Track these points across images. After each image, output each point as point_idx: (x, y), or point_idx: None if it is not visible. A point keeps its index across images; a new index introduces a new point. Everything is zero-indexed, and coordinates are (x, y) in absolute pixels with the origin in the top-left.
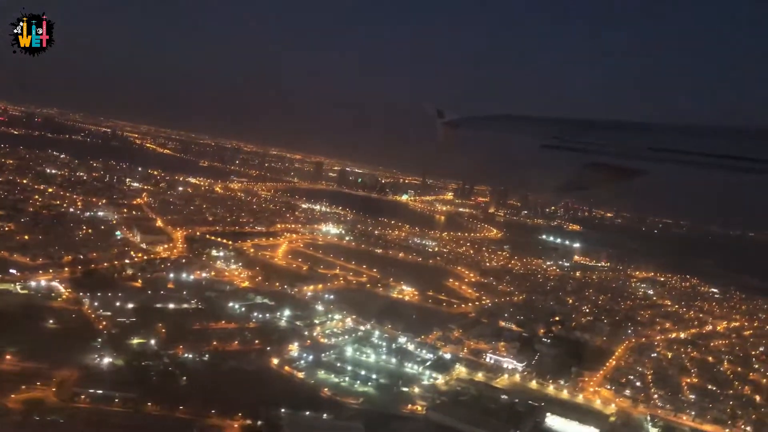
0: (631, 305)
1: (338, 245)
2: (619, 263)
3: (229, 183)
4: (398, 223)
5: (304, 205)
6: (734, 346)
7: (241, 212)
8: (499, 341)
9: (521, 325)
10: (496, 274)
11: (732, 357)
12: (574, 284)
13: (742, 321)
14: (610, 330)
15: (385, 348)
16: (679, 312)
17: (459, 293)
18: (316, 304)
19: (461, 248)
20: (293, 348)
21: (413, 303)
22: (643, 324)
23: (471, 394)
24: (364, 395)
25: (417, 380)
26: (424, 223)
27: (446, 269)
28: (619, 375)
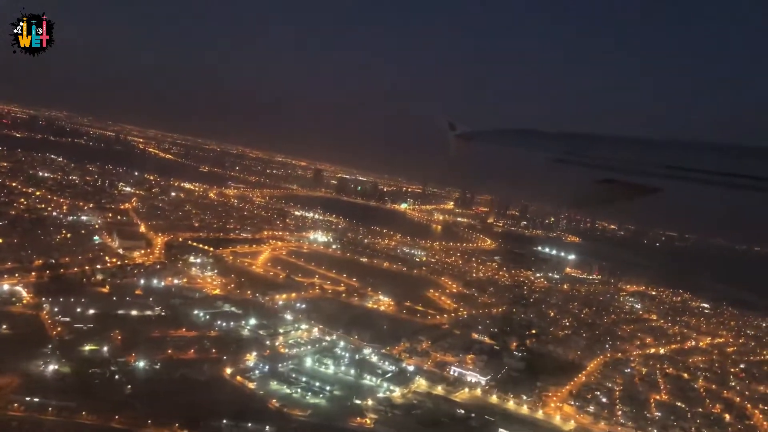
0: (614, 319)
1: (323, 253)
2: (611, 276)
3: (225, 189)
4: (390, 232)
5: (297, 213)
6: (714, 363)
7: (229, 219)
8: (467, 354)
9: (494, 338)
10: (480, 285)
11: (709, 374)
12: (560, 297)
13: (727, 337)
14: (586, 344)
15: (347, 359)
16: (664, 327)
17: (437, 304)
18: (285, 313)
19: (450, 258)
20: (250, 358)
21: (387, 313)
22: (623, 339)
23: (426, 407)
24: (313, 407)
25: (373, 393)
26: (418, 232)
27: (430, 279)
28: (586, 391)
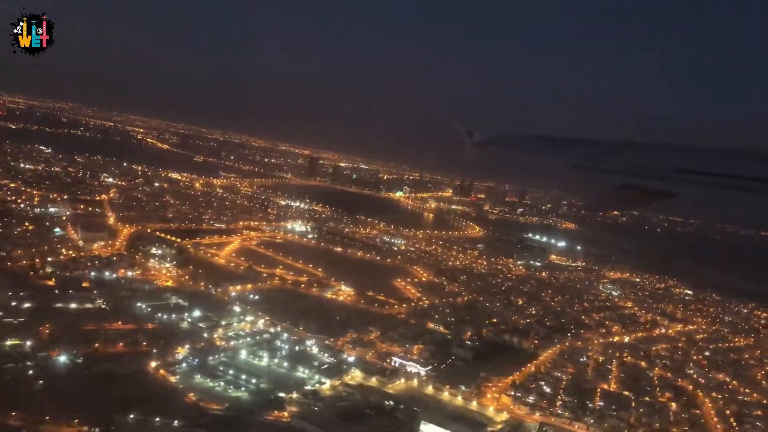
0: (586, 307)
1: (296, 243)
2: (596, 263)
3: (214, 179)
4: (376, 221)
5: (283, 202)
6: (677, 351)
7: (208, 209)
8: (416, 344)
9: (450, 328)
10: (453, 274)
11: (669, 362)
12: (535, 285)
13: (701, 324)
14: (546, 333)
15: (286, 351)
16: (636, 314)
17: (401, 293)
18: (235, 304)
19: (431, 247)
20: (182, 351)
21: (345, 303)
22: (588, 327)
23: (354, 399)
24: (232, 400)
25: (302, 385)
26: (406, 220)
27: (402, 268)
28: (530, 381)
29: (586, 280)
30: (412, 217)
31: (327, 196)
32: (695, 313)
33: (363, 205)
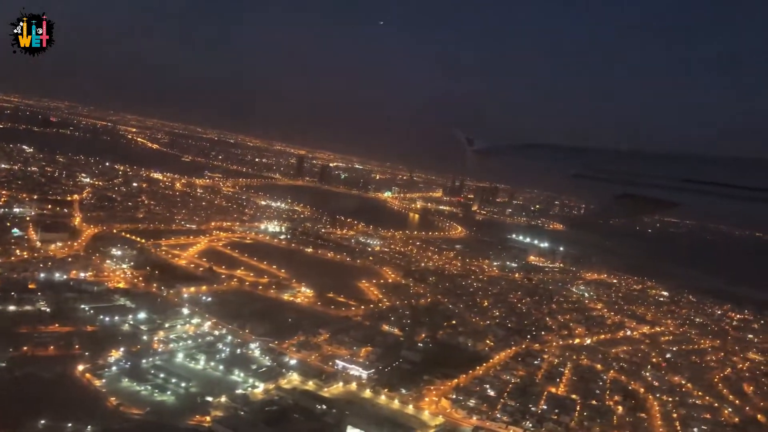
0: (553, 309)
1: (265, 244)
2: (574, 264)
3: (197, 179)
4: (355, 221)
5: (263, 202)
6: (637, 353)
7: (182, 209)
8: (365, 346)
9: (405, 329)
10: (422, 275)
11: (625, 365)
12: (505, 286)
13: (669, 326)
14: (504, 335)
15: (225, 354)
16: (604, 316)
17: (363, 295)
18: (184, 306)
19: (407, 247)
20: (115, 354)
21: (301, 305)
22: (551, 329)
23: (285, 403)
24: (156, 405)
25: (234, 389)
26: (387, 221)
27: (371, 269)
28: (475, 384)
29: (560, 282)
30: (394, 218)
31: (311, 197)
32: (666, 314)
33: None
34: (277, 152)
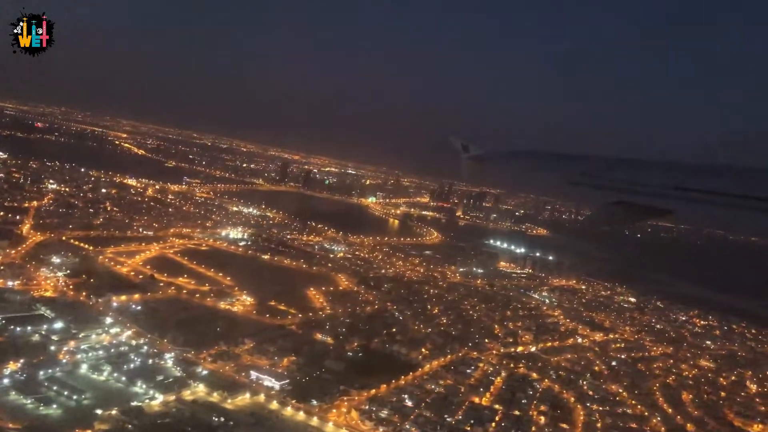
0: (508, 315)
1: (221, 251)
2: (544, 270)
3: (174, 185)
4: (327, 227)
5: (235, 208)
6: (580, 361)
7: (145, 216)
8: (289, 356)
9: (339, 338)
10: (378, 282)
11: (564, 373)
12: (463, 293)
13: (624, 333)
14: (444, 343)
15: (136, 365)
16: (559, 323)
17: (307, 303)
18: (108, 315)
19: (373, 254)
20: (12, 365)
21: (236, 314)
22: (496, 336)
23: (181, 416)
24: (39, 418)
25: (131, 401)
26: (362, 226)
27: (326, 276)
28: (393, 394)
29: (523, 288)
30: (371, 224)
31: (289, 202)
32: (627, 321)
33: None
34: (269, 157)
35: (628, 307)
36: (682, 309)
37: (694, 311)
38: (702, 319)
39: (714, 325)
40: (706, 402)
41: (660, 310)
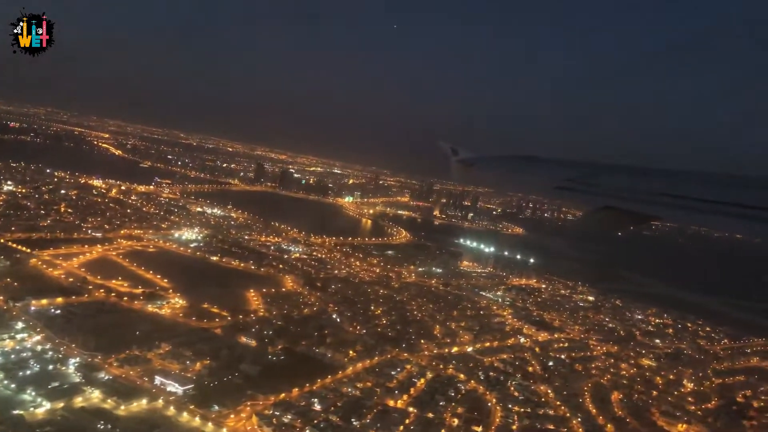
0: (454, 315)
1: (169, 253)
2: (505, 269)
3: (141, 185)
4: (290, 227)
5: (199, 209)
6: (515, 362)
7: (98, 217)
8: (204, 359)
9: (264, 341)
10: (326, 283)
11: (494, 374)
12: (414, 293)
13: (572, 332)
14: (375, 344)
15: (34, 371)
16: (505, 323)
17: (243, 305)
18: (21, 319)
19: (331, 254)
20: None
21: (163, 317)
22: (434, 337)
23: (65, 424)
24: None
25: (16, 408)
26: (330, 226)
27: (272, 278)
28: (303, 399)
29: (478, 288)
30: (339, 224)
31: (259, 203)
32: (579, 320)
33: (293, 210)
34: (255, 157)
35: (585, 306)
36: (640, 308)
37: (652, 309)
38: (657, 318)
39: (668, 324)
40: (635, 402)
41: (617, 308)
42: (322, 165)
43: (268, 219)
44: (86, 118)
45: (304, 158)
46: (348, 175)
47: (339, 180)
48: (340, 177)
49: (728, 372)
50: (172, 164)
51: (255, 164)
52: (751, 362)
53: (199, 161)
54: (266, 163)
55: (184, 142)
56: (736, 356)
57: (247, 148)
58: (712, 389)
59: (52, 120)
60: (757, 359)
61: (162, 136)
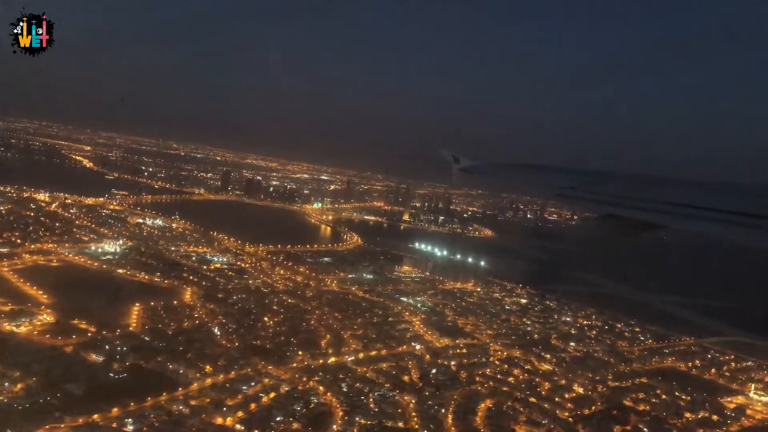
0: (357, 323)
1: (72, 268)
2: (446, 273)
3: (92, 198)
4: (227, 237)
5: (140, 220)
6: (393, 371)
7: (16, 232)
8: (29, 379)
9: (114, 357)
10: (229, 294)
11: (360, 385)
12: (324, 301)
13: (481, 338)
14: (239, 357)
15: None
16: (408, 330)
17: (119, 320)
18: None
19: (258, 263)
20: None
21: (17, 335)
22: (316, 348)
23: None
24: None
25: None
26: (275, 234)
27: (171, 290)
28: (118, 419)
29: (403, 293)
30: (289, 231)
31: (212, 212)
32: (496, 325)
33: (247, 219)
34: (244, 165)
35: (512, 309)
36: (574, 309)
37: (587, 311)
38: (587, 320)
39: (596, 325)
40: (504, 411)
41: (548, 311)
42: (313, 171)
43: (211, 228)
44: (80, 131)
45: (296, 165)
46: (334, 181)
47: (321, 186)
48: (325, 183)
49: (632, 374)
50: (140, 175)
51: (222, 173)
52: (665, 363)
53: (175, 171)
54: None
55: (172, 152)
56: (650, 357)
57: (239, 156)
58: (603, 394)
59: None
60: (673, 359)
61: (151, 147)
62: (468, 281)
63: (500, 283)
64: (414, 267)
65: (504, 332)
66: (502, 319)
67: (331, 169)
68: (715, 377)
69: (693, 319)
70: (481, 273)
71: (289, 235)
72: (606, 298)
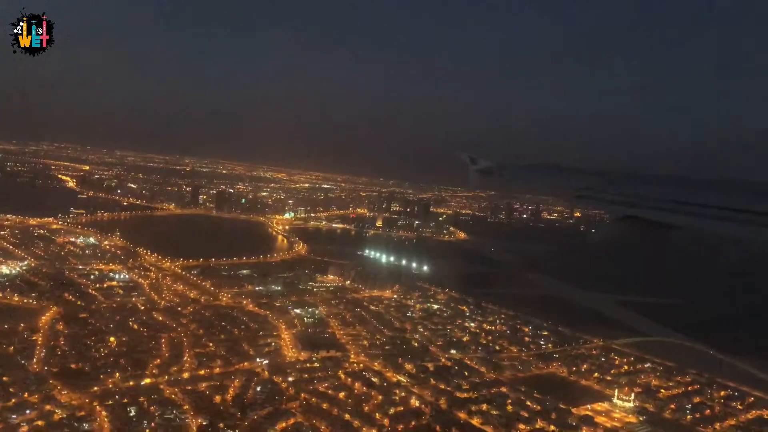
0: (218, 338)
1: None
2: (365, 281)
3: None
4: (151, 253)
5: (80, 240)
6: (207, 390)
7: None
8: None
9: None
10: (94, 314)
11: (153, 408)
12: (199, 317)
13: (340, 351)
14: (33, 381)
15: None
16: (267, 345)
17: None
18: None
19: (162, 280)
20: None
21: None
22: (142, 368)
23: None
24: None
25: None
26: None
27: (34, 312)
28: None
29: (297, 305)
30: (232, 243)
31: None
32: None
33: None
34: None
35: (416, 317)
36: (489, 314)
37: (501, 315)
38: (491, 325)
39: (499, 331)
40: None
41: (457, 316)
42: (321, 180)
43: (143, 245)
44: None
45: (305, 175)
46: (335, 189)
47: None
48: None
49: (493, 383)
50: (113, 193)
51: (191, 187)
52: (547, 369)
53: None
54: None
55: (178, 168)
56: (533, 363)
57: (248, 169)
58: (438, 408)
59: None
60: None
61: (159, 164)
62: (388, 288)
63: (426, 289)
64: (339, 275)
65: (381, 342)
66: (393, 328)
67: (340, 177)
68: (593, 383)
69: (626, 320)
70: (413, 278)
71: (229, 247)
72: (542, 301)
